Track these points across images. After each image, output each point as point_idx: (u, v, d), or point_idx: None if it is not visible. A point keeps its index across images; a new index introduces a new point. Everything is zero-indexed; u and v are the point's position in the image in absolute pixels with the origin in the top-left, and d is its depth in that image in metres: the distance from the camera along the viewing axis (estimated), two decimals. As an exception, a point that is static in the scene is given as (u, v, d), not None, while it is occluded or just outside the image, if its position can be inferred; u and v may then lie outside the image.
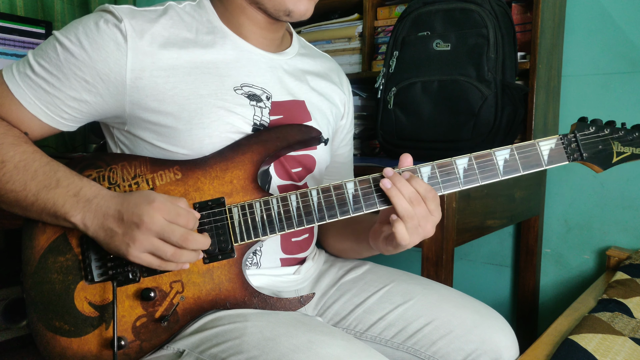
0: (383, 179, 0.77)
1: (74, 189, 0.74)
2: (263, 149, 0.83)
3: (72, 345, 0.77)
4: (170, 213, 0.71)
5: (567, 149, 0.80)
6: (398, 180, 0.76)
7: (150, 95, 0.80)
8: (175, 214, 0.72)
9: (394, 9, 1.70)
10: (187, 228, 0.72)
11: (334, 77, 1.05)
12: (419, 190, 0.76)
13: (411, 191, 0.76)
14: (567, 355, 0.89)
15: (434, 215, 0.77)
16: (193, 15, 0.88)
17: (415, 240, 0.78)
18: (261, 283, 0.88)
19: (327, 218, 0.79)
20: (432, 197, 0.77)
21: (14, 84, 0.79)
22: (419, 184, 0.76)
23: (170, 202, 0.72)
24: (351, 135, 1.13)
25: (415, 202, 0.76)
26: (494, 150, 0.80)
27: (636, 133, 0.80)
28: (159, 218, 0.70)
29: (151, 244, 0.71)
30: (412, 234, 0.76)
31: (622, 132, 0.80)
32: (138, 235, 0.70)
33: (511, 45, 1.30)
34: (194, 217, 0.74)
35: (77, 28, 0.79)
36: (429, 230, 0.78)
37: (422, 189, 0.76)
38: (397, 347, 0.92)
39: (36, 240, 0.79)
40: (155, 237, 0.71)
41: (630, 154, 0.81)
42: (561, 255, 1.65)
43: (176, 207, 0.72)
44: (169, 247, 0.72)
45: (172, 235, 0.71)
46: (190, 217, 0.73)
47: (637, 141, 0.80)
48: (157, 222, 0.70)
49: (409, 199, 0.75)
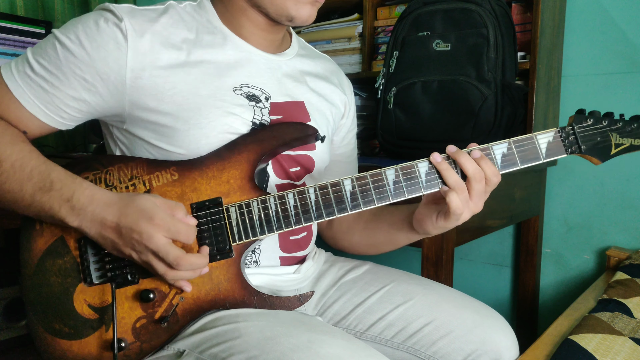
0: (433, 154, 0.79)
1: (67, 193, 0.73)
2: (259, 148, 0.83)
3: (72, 348, 0.77)
4: (169, 231, 0.71)
5: (565, 142, 0.80)
6: (461, 155, 0.78)
7: (150, 94, 0.80)
8: (175, 231, 0.71)
9: (394, 9, 1.70)
10: (188, 242, 0.73)
11: (334, 79, 1.05)
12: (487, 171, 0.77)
13: (475, 167, 0.77)
14: (567, 355, 0.89)
15: (486, 193, 0.80)
16: (193, 15, 0.87)
17: (466, 215, 0.79)
18: (261, 282, 0.88)
19: (325, 216, 0.79)
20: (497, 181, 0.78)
21: (12, 83, 0.78)
22: (488, 164, 0.78)
23: (170, 218, 0.71)
24: (353, 135, 1.12)
25: (478, 178, 0.77)
26: (491, 145, 0.80)
27: (634, 124, 0.79)
28: (159, 237, 0.70)
29: (148, 259, 0.72)
30: (464, 206, 0.78)
31: (620, 123, 0.80)
32: (138, 247, 0.71)
33: (511, 45, 1.30)
34: (193, 230, 0.73)
35: (76, 27, 0.79)
36: (480, 207, 0.80)
37: (489, 171, 0.77)
38: (397, 347, 0.92)
39: (34, 242, 0.79)
40: (151, 254, 0.71)
41: (629, 145, 0.80)
42: (561, 255, 1.65)
43: (176, 223, 0.71)
44: (162, 266, 0.72)
45: (166, 257, 0.71)
46: (189, 231, 0.72)
47: (636, 132, 0.79)
48: (155, 241, 0.70)
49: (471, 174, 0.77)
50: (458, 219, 0.79)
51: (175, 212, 0.73)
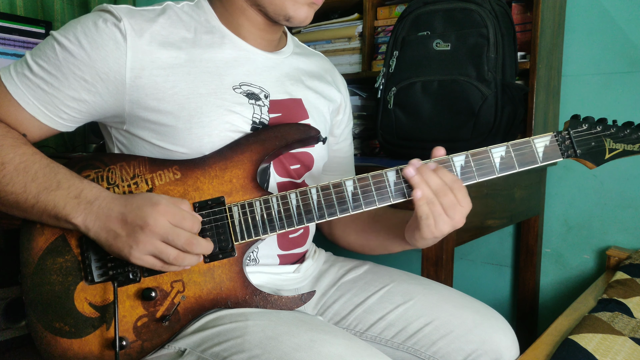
0: (406, 168, 0.77)
1: (75, 190, 0.74)
2: (262, 148, 0.83)
3: (73, 347, 0.77)
4: (175, 217, 0.71)
5: (562, 146, 0.81)
6: (424, 170, 0.76)
7: (150, 94, 0.80)
8: (180, 217, 0.72)
9: (394, 8, 1.70)
10: (192, 232, 0.73)
11: (328, 76, 1.06)
12: (446, 180, 0.76)
13: (437, 181, 0.76)
14: (567, 355, 0.89)
15: (462, 206, 0.77)
16: (191, 15, 0.88)
17: (445, 229, 0.77)
18: (261, 281, 0.88)
19: (327, 216, 0.80)
20: (458, 187, 0.77)
21: (12, 85, 0.78)
22: (445, 174, 0.76)
23: (175, 205, 0.72)
24: (349, 130, 1.13)
25: (441, 192, 0.76)
26: (490, 148, 0.81)
27: (627, 130, 0.81)
28: (164, 221, 0.70)
29: (154, 247, 0.71)
30: (438, 222, 0.76)
31: (613, 129, 0.82)
32: (142, 237, 0.70)
33: (511, 45, 1.30)
34: (198, 221, 0.74)
35: (75, 27, 0.79)
36: (458, 221, 0.77)
37: (448, 179, 0.76)
38: (397, 347, 0.92)
39: (34, 241, 0.79)
40: (159, 240, 0.71)
41: (622, 150, 0.82)
42: (561, 255, 1.65)
43: (181, 210, 0.72)
44: (172, 250, 0.72)
45: (177, 239, 0.71)
46: (195, 220, 0.73)
47: (629, 138, 0.81)
48: (162, 225, 0.70)
49: (434, 188, 0.76)
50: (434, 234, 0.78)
51: (180, 204, 0.74)
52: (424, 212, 0.76)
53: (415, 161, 0.77)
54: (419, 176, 0.76)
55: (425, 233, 0.77)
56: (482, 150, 0.80)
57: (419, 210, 0.76)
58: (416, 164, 0.77)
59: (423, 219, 0.76)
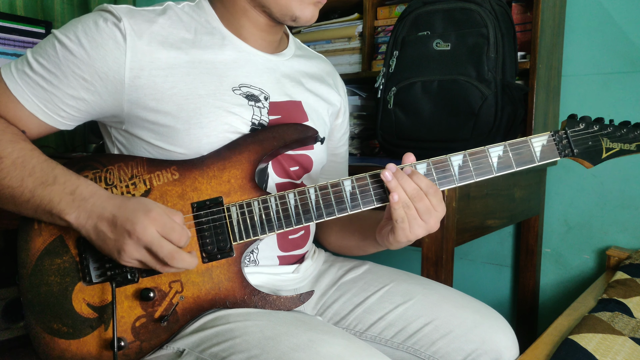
0: (384, 171, 0.77)
1: (71, 186, 0.74)
2: (260, 148, 0.83)
3: (71, 347, 0.77)
4: (165, 227, 0.70)
5: (559, 145, 0.82)
6: (400, 176, 0.77)
7: (149, 94, 0.80)
8: (169, 228, 0.71)
9: (394, 8, 1.70)
10: (179, 245, 0.72)
11: (329, 79, 1.06)
12: (421, 185, 0.77)
13: (413, 187, 0.76)
14: (567, 355, 0.89)
15: (437, 211, 0.78)
16: (192, 16, 0.88)
17: (419, 232, 0.78)
18: (260, 281, 0.88)
19: (325, 216, 0.80)
20: (433, 192, 0.77)
21: (12, 82, 0.78)
22: (420, 179, 0.77)
23: (167, 216, 0.71)
24: (347, 136, 1.14)
25: (416, 198, 0.76)
26: (487, 147, 0.81)
27: (624, 129, 0.82)
28: (152, 230, 0.69)
29: (139, 254, 0.71)
30: (413, 225, 0.77)
31: (610, 128, 0.82)
32: (128, 243, 0.70)
33: (511, 45, 1.30)
34: (186, 235, 0.73)
35: (76, 27, 0.79)
36: (432, 225, 0.78)
37: (423, 184, 0.77)
38: (397, 347, 0.92)
39: (32, 242, 0.79)
40: (143, 249, 0.71)
41: (619, 150, 0.82)
42: (561, 255, 1.65)
43: (171, 222, 0.71)
44: (155, 262, 0.72)
45: (160, 251, 0.70)
46: (183, 233, 0.72)
47: (626, 137, 0.82)
48: (149, 234, 0.69)
49: (410, 194, 0.76)
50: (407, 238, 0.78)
51: (173, 215, 0.73)
52: (399, 215, 0.77)
53: (391, 165, 0.78)
54: (395, 181, 0.77)
55: (400, 236, 0.79)
56: (480, 149, 0.81)
57: (395, 214, 0.77)
58: (392, 168, 0.78)
59: (398, 222, 0.77)
